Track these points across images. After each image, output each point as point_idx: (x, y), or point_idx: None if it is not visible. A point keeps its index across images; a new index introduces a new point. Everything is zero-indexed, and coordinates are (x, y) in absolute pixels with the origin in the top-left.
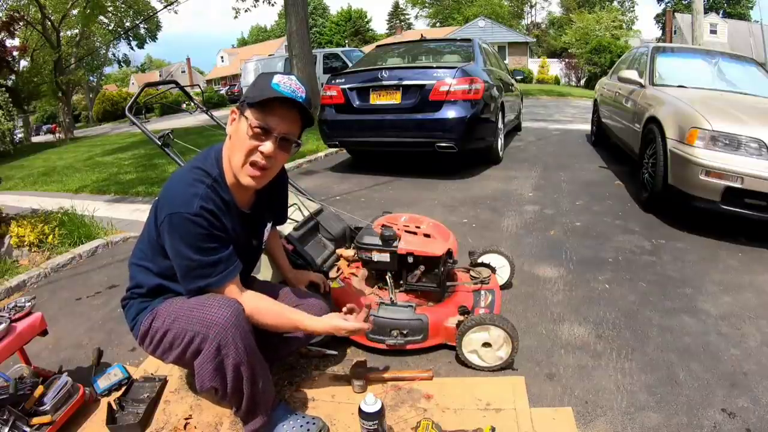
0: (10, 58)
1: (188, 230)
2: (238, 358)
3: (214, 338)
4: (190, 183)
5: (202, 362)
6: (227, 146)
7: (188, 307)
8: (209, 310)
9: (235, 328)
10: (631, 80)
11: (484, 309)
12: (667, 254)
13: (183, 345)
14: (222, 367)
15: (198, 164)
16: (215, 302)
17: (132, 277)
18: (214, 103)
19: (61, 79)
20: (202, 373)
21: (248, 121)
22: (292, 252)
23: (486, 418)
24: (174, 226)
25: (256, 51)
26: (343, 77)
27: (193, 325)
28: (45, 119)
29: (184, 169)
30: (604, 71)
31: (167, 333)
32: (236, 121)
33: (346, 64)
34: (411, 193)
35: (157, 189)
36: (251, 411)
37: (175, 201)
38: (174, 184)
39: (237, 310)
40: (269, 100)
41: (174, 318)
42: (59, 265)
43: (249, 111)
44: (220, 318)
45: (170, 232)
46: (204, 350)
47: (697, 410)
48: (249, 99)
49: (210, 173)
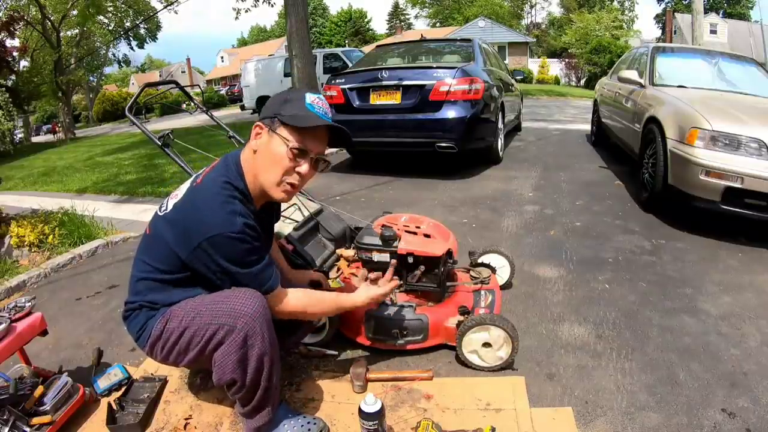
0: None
1: (234, 248)
2: (263, 349)
3: (242, 329)
4: (225, 201)
5: (224, 353)
6: (251, 160)
7: (211, 301)
8: (237, 301)
9: (263, 318)
10: (631, 80)
11: (484, 309)
12: (667, 254)
13: (203, 341)
14: (246, 358)
15: (224, 178)
16: (241, 294)
17: (139, 292)
18: (214, 103)
19: (61, 79)
20: (223, 364)
21: (285, 141)
22: (292, 252)
23: (486, 418)
24: (217, 246)
25: (256, 51)
26: (343, 77)
27: (219, 317)
28: (45, 119)
29: (212, 186)
30: (604, 71)
31: (185, 332)
32: (265, 137)
33: (346, 64)
34: (411, 193)
35: (158, 189)
36: (261, 405)
37: (214, 221)
38: (207, 204)
39: (263, 302)
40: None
41: (194, 315)
42: (59, 265)
43: (285, 130)
44: (248, 308)
45: (212, 254)
46: (227, 341)
47: (697, 410)
48: (284, 119)
49: (237, 187)
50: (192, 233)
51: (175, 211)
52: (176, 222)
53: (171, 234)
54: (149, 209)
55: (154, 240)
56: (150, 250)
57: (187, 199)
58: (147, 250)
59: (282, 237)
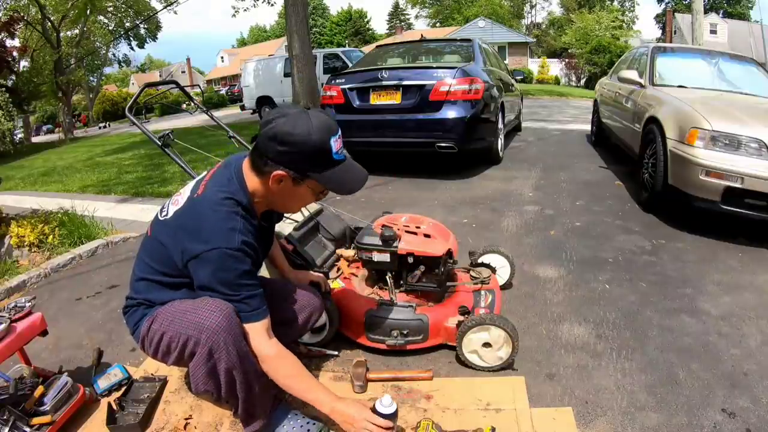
0: (10, 58)
1: (227, 266)
2: (230, 363)
3: (206, 342)
4: (225, 216)
5: (195, 365)
6: (260, 187)
7: (183, 310)
8: (201, 314)
9: (227, 332)
10: (631, 80)
11: (485, 309)
12: (667, 254)
13: (179, 348)
14: (215, 372)
15: (225, 193)
16: (207, 306)
17: (139, 290)
18: (214, 104)
19: (61, 79)
20: (195, 377)
21: (312, 190)
22: (292, 252)
23: (486, 418)
24: (211, 261)
25: (256, 51)
26: (343, 77)
27: (187, 328)
28: (45, 119)
29: (213, 199)
30: (604, 71)
31: (164, 335)
32: (288, 185)
33: (346, 64)
34: (411, 193)
35: (158, 189)
36: (248, 414)
37: (213, 236)
38: (207, 218)
39: (228, 315)
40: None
41: (171, 320)
42: (59, 265)
43: (313, 182)
44: (211, 322)
45: (205, 268)
46: (197, 353)
47: (697, 410)
48: (322, 181)
49: (240, 202)
50: (189, 244)
51: (175, 219)
52: (175, 230)
53: (169, 241)
54: (149, 209)
55: (154, 243)
56: (150, 251)
57: (188, 209)
58: (148, 252)
59: (282, 237)
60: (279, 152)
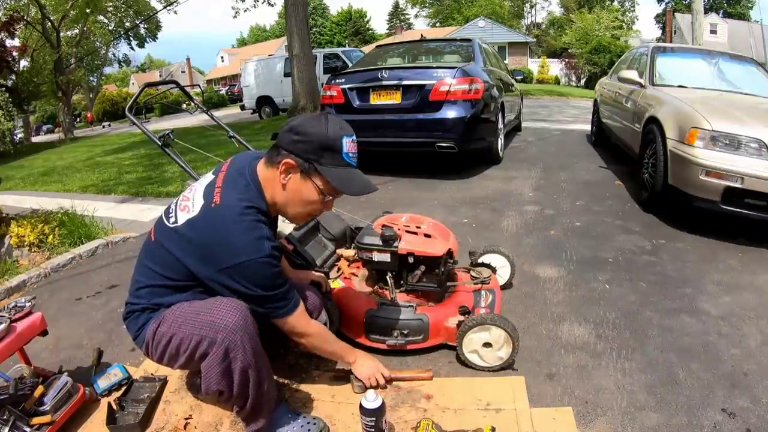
0: (10, 58)
1: (262, 273)
2: (246, 362)
3: (222, 342)
4: (251, 226)
5: (209, 366)
6: (274, 186)
7: (195, 311)
8: (217, 314)
9: (243, 331)
10: (631, 80)
11: (485, 309)
12: (667, 254)
13: (190, 349)
14: (229, 371)
15: (245, 201)
16: (222, 306)
17: (142, 297)
18: (214, 103)
19: (61, 79)
20: (209, 377)
21: (318, 189)
22: (292, 252)
23: (486, 418)
24: (246, 272)
25: (256, 51)
26: (343, 77)
27: (200, 329)
28: (45, 119)
29: (234, 209)
30: (604, 71)
31: (173, 337)
32: (296, 178)
33: (346, 64)
34: (411, 193)
35: (159, 189)
36: (255, 413)
37: (243, 248)
38: (231, 229)
39: (244, 314)
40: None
41: (181, 322)
42: (59, 265)
43: (319, 179)
44: (228, 322)
45: (237, 278)
46: (211, 354)
47: (697, 410)
48: (327, 175)
49: (261, 209)
50: (216, 257)
51: (191, 229)
52: (194, 241)
53: (185, 252)
54: (149, 209)
55: (161, 250)
56: (155, 257)
57: (207, 220)
58: (152, 257)
59: (282, 237)
60: (292, 141)
